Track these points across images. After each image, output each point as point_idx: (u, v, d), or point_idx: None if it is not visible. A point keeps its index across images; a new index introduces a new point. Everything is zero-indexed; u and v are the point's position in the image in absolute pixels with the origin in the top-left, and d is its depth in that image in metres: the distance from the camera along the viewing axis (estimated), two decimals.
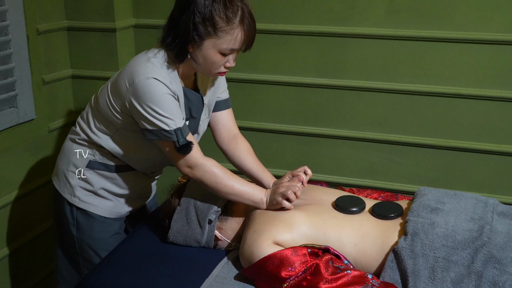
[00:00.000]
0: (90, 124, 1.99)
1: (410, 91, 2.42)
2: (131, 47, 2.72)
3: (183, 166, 1.90)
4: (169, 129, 1.82)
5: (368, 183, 2.55)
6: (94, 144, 1.99)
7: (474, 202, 1.89)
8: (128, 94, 1.84)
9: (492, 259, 1.68)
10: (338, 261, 1.75)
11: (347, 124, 2.54)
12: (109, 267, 1.91)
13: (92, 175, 2.02)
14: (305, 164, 2.51)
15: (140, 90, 1.81)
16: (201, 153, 1.90)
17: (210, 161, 1.90)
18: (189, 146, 1.85)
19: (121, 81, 1.87)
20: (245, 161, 2.12)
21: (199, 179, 1.90)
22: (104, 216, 2.06)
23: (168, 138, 1.83)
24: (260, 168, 2.12)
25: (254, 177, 2.11)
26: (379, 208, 1.90)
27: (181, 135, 1.83)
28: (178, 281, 1.82)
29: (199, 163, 1.88)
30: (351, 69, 2.47)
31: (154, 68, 1.82)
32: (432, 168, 2.48)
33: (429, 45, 2.35)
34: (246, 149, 2.14)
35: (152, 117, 1.81)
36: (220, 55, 1.82)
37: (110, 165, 2.01)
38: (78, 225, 2.05)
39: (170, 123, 1.82)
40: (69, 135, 2.08)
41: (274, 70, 2.56)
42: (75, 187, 2.02)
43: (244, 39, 1.81)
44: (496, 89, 2.32)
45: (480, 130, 2.38)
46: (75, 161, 2.02)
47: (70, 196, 2.03)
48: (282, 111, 2.61)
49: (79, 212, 2.04)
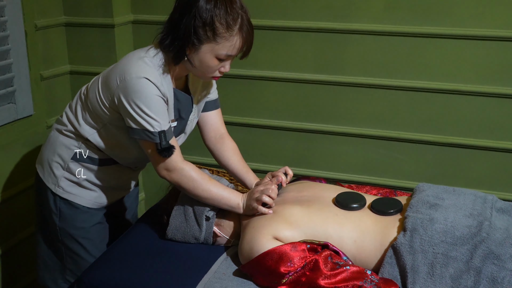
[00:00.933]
0: (78, 116, 1.98)
1: (409, 88, 2.42)
2: (129, 43, 2.72)
3: (162, 169, 1.89)
4: (153, 130, 1.82)
5: (366, 180, 2.55)
6: (80, 136, 1.99)
7: (473, 198, 1.89)
8: (117, 90, 1.83)
9: (491, 255, 1.68)
10: (337, 257, 1.75)
11: (346, 121, 2.54)
12: (107, 263, 1.91)
13: (76, 166, 2.01)
14: (304, 160, 2.52)
15: (130, 88, 1.80)
16: (181, 157, 1.90)
17: (188, 166, 1.90)
18: (171, 149, 1.85)
19: (113, 77, 1.86)
20: (230, 161, 2.15)
21: (177, 183, 1.90)
22: (87, 206, 2.06)
23: (151, 139, 1.83)
24: (244, 169, 2.15)
25: (238, 177, 2.15)
26: (378, 204, 1.90)
27: (164, 138, 1.83)
28: (176, 278, 1.82)
29: (178, 167, 1.88)
30: (349, 65, 2.47)
31: (146, 68, 1.82)
32: (430, 165, 2.48)
33: (427, 41, 2.35)
34: (231, 149, 2.16)
35: (138, 116, 1.81)
36: (217, 60, 1.83)
37: (94, 158, 2.01)
38: (60, 214, 2.04)
39: (155, 124, 1.82)
40: (56, 125, 2.07)
41: (272, 66, 2.56)
42: (60, 178, 2.02)
43: (241, 46, 1.82)
44: (495, 86, 2.32)
45: (479, 126, 2.38)
46: (61, 152, 2.01)
47: (54, 186, 2.03)
48: (280, 107, 2.61)
49: (62, 202, 2.04)
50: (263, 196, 1.90)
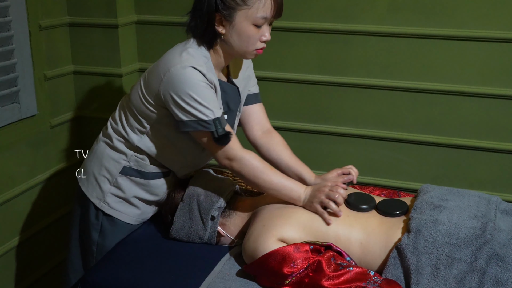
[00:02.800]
0: (124, 124, 1.95)
1: (412, 89, 2.42)
2: (133, 43, 2.72)
3: (222, 158, 1.85)
4: (207, 118, 1.77)
5: (370, 181, 2.55)
6: (130, 145, 1.94)
7: (477, 200, 1.89)
8: (163, 84, 1.80)
9: (495, 257, 1.68)
10: (340, 258, 1.75)
11: (349, 122, 2.53)
12: (111, 263, 1.91)
13: (125, 181, 1.98)
14: (307, 161, 2.51)
15: (176, 79, 1.77)
16: (240, 145, 1.86)
17: (249, 154, 1.86)
18: (228, 136, 1.81)
19: (156, 72, 1.84)
20: (282, 155, 2.08)
21: (238, 172, 1.86)
22: (130, 223, 2.04)
23: (206, 128, 1.78)
24: (297, 162, 2.08)
25: (292, 172, 2.06)
26: (384, 206, 1.90)
27: (220, 125, 1.78)
28: (180, 277, 1.82)
29: (239, 156, 1.84)
30: (353, 66, 2.47)
31: (190, 58, 1.79)
32: (434, 166, 2.47)
33: (431, 42, 2.35)
34: (281, 143, 2.11)
35: (189, 107, 1.77)
36: (254, 27, 1.80)
37: (144, 172, 1.98)
38: (102, 230, 2.01)
39: (208, 112, 1.77)
40: (102, 138, 2.02)
41: (275, 67, 2.56)
42: (106, 193, 1.98)
43: (274, 5, 1.80)
44: (499, 87, 2.32)
45: (483, 128, 2.38)
46: (108, 165, 1.97)
47: (99, 201, 1.99)
48: (283, 108, 2.61)
49: (105, 218, 2.00)
50: (329, 202, 1.83)
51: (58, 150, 2.67)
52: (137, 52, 2.74)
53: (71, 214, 2.12)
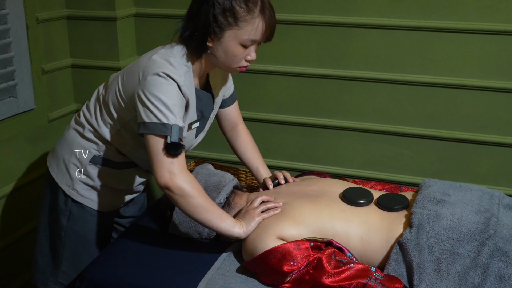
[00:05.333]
0: (97, 116, 1.94)
1: (414, 82, 2.40)
2: (132, 36, 2.69)
3: (164, 170, 1.72)
4: (167, 122, 1.74)
5: (371, 175, 2.53)
6: (100, 138, 1.94)
7: (480, 194, 1.87)
8: (138, 86, 1.78)
9: (498, 252, 1.66)
10: (340, 255, 1.73)
11: (350, 115, 2.51)
12: (110, 259, 1.89)
13: (94, 170, 1.97)
14: (308, 155, 2.50)
15: (151, 83, 1.75)
16: (186, 165, 1.79)
17: (191, 176, 1.78)
18: (180, 147, 1.74)
19: (135, 73, 1.82)
20: (246, 154, 2.21)
21: (179, 188, 1.73)
22: (100, 210, 2.03)
23: (162, 132, 1.73)
24: (257, 160, 2.20)
25: (251, 171, 2.21)
26: (384, 200, 1.88)
27: (176, 132, 1.74)
28: (179, 274, 1.80)
29: (183, 173, 1.74)
30: (354, 59, 2.44)
31: (170, 67, 1.77)
32: (436, 160, 2.45)
33: (433, 35, 2.32)
34: (245, 141, 2.21)
35: (154, 108, 1.74)
36: (241, 47, 1.78)
37: (114, 161, 1.97)
38: (70, 216, 2.01)
39: (171, 117, 1.74)
40: (74, 125, 2.01)
41: (276, 60, 2.53)
42: (75, 180, 1.98)
43: (265, 29, 1.77)
44: (501, 80, 2.29)
45: (485, 121, 2.36)
46: (79, 154, 1.97)
47: (68, 188, 1.99)
48: (284, 101, 2.58)
49: (74, 204, 2.00)
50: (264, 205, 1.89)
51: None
52: (135, 45, 2.72)
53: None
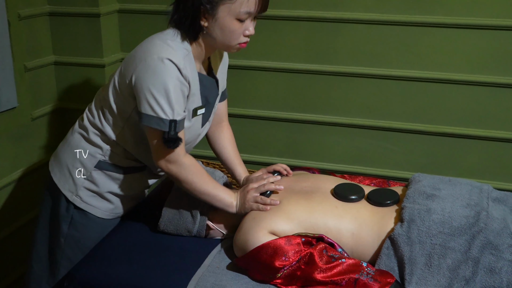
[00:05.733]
0: (100, 117, 1.90)
1: (401, 77, 2.40)
2: (116, 32, 2.66)
3: (161, 160, 1.80)
4: (165, 117, 1.73)
5: (358, 170, 2.53)
6: (106, 138, 1.89)
7: (469, 188, 1.87)
8: (136, 71, 1.74)
9: (489, 245, 1.67)
10: (332, 250, 1.72)
11: (338, 111, 2.51)
12: (99, 258, 1.86)
13: (99, 175, 1.92)
14: (295, 151, 2.49)
15: (150, 70, 1.72)
16: (184, 151, 1.83)
17: (190, 160, 1.84)
18: (177, 142, 1.76)
19: (132, 60, 1.78)
20: (224, 150, 2.13)
21: (175, 174, 1.82)
22: (102, 217, 1.98)
23: (160, 126, 1.74)
24: (235, 160, 2.13)
25: (228, 168, 2.14)
26: (375, 195, 1.88)
27: (174, 128, 1.74)
28: (170, 272, 1.78)
29: (179, 160, 1.80)
30: (341, 55, 2.43)
31: (169, 49, 1.74)
32: (423, 154, 2.46)
33: (420, 30, 2.32)
34: (227, 138, 2.14)
35: (152, 100, 1.72)
36: (238, 22, 1.75)
37: (119, 166, 1.93)
38: (72, 222, 1.95)
39: (168, 112, 1.73)
40: (78, 129, 1.96)
41: (263, 56, 2.52)
42: (79, 187, 1.93)
43: (259, 0, 1.74)
44: (487, 75, 2.30)
45: (471, 116, 2.37)
46: (83, 159, 1.92)
47: (71, 194, 1.94)
48: (271, 97, 2.57)
49: (76, 211, 1.95)
50: (265, 185, 1.87)
51: (40, 143, 2.61)
52: (119, 41, 2.68)
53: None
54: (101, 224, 1.99)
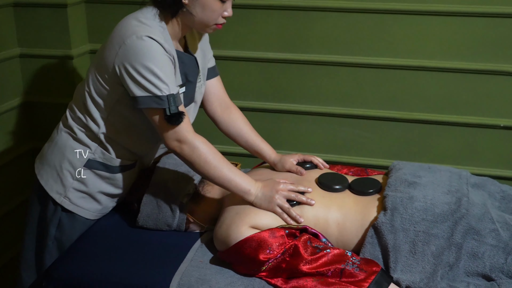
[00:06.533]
0: (83, 111, 1.84)
1: (374, 65, 2.40)
2: (83, 23, 2.58)
3: (172, 140, 1.73)
4: (161, 94, 1.68)
5: (334, 158, 2.53)
6: (93, 135, 1.84)
7: (449, 175, 1.89)
8: (118, 57, 1.70)
9: (471, 231, 1.69)
10: (316, 241, 1.72)
11: (312, 99, 2.50)
12: (78, 256, 1.82)
13: (89, 175, 1.87)
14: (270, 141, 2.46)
15: (132, 50, 1.67)
16: (192, 128, 1.76)
17: (201, 138, 1.76)
18: (180, 116, 1.70)
19: (109, 47, 1.73)
20: (242, 131, 2.05)
21: (188, 156, 1.74)
22: (90, 218, 1.94)
23: (158, 105, 1.69)
24: (258, 139, 2.06)
25: (252, 148, 2.05)
26: (357, 185, 1.88)
27: (173, 102, 1.69)
28: (152, 267, 1.75)
29: (190, 138, 1.73)
30: (314, 43, 2.43)
31: (146, 28, 1.70)
32: (397, 141, 2.48)
33: (392, 17, 2.33)
34: (241, 119, 2.07)
35: (144, 80, 1.67)
36: (219, 2, 1.74)
37: (110, 165, 1.88)
38: (60, 225, 1.90)
39: (163, 87, 1.68)
40: (63, 128, 1.89)
41: (235, 45, 2.49)
42: (68, 188, 1.87)
43: None
44: (459, 61, 2.33)
45: (444, 102, 2.39)
46: (72, 158, 1.86)
47: (59, 196, 1.87)
48: (244, 87, 2.54)
49: (64, 214, 1.89)
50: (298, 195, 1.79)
51: (7, 138, 2.53)
52: (87, 32, 2.61)
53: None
54: (88, 225, 1.94)
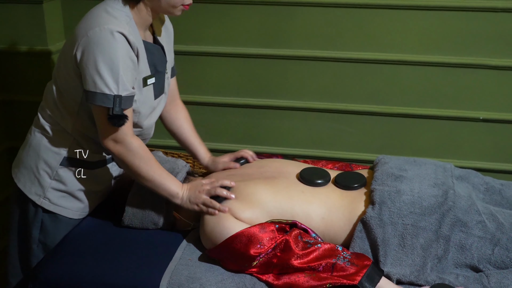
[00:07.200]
0: (53, 109, 1.81)
1: (355, 59, 2.41)
2: (59, 19, 2.53)
3: (108, 139, 1.73)
4: (109, 93, 1.66)
5: (317, 153, 2.54)
6: (66, 132, 1.81)
7: (434, 168, 1.91)
8: (79, 47, 1.66)
9: (459, 223, 1.71)
10: (306, 235, 1.72)
11: (293, 95, 2.50)
12: (64, 257, 1.78)
13: (66, 173, 1.84)
14: (252, 137, 2.47)
15: (93, 42, 1.64)
16: (132, 131, 1.76)
17: (137, 141, 1.77)
18: (123, 119, 1.69)
19: (72, 39, 1.70)
20: (181, 129, 2.09)
21: (121, 156, 1.75)
22: (73, 218, 1.90)
23: (103, 103, 1.67)
24: (196, 140, 2.10)
25: (188, 148, 2.11)
26: (342, 179, 1.89)
27: (119, 104, 1.67)
28: (141, 266, 1.73)
29: (127, 140, 1.73)
30: (295, 38, 2.42)
31: (111, 19, 1.67)
32: (379, 135, 2.49)
33: (372, 12, 2.34)
34: (184, 117, 2.10)
35: (96, 75, 1.65)
36: None
37: (86, 161, 1.85)
38: (43, 227, 1.86)
39: (112, 87, 1.66)
40: (35, 129, 1.86)
41: (216, 41, 2.47)
42: (46, 188, 1.83)
43: None
44: (439, 55, 2.35)
45: (425, 96, 2.42)
46: (47, 157, 1.82)
47: (38, 197, 1.84)
48: (225, 83, 2.53)
49: (46, 215, 1.85)
50: (217, 189, 1.79)
51: None
52: (63, 28, 2.56)
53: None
54: (72, 225, 1.91)
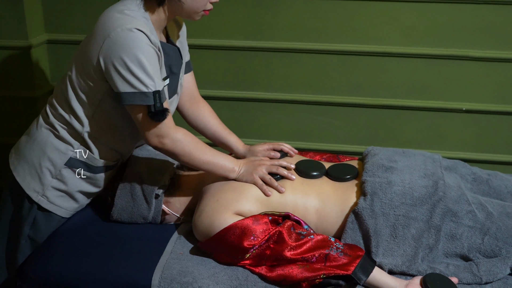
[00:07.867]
0: (65, 108, 1.76)
1: (340, 51, 2.42)
2: (39, 12, 2.48)
3: (153, 136, 1.71)
4: (147, 91, 1.63)
5: (303, 146, 2.54)
6: (76, 133, 1.77)
7: (423, 159, 1.92)
8: (102, 51, 1.63)
9: (449, 213, 1.73)
10: (299, 227, 1.72)
11: (279, 87, 2.50)
12: (52, 252, 1.76)
13: (69, 174, 1.80)
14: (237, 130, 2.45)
15: (118, 43, 1.61)
16: (173, 122, 1.74)
17: (182, 130, 1.75)
18: (165, 113, 1.68)
19: (93, 42, 1.66)
20: (209, 123, 2.04)
21: (170, 149, 1.74)
22: (66, 217, 1.88)
23: (143, 102, 1.64)
24: (225, 131, 2.05)
25: (219, 140, 2.05)
26: (334, 171, 1.89)
27: (159, 99, 1.65)
28: (132, 261, 1.71)
29: (172, 133, 1.72)
30: (280, 30, 2.42)
31: (130, 19, 1.64)
32: (365, 127, 2.51)
33: (358, 4, 2.35)
34: (209, 111, 2.06)
35: (130, 75, 1.62)
36: None
37: (91, 165, 1.81)
38: (35, 224, 1.83)
39: (149, 84, 1.63)
40: (43, 124, 1.81)
41: (201, 33, 2.45)
42: (47, 186, 1.79)
43: None
44: (423, 47, 2.37)
45: (409, 87, 2.43)
46: (53, 156, 1.78)
47: (36, 194, 1.80)
48: (211, 76, 2.51)
49: (40, 212, 1.82)
50: (279, 169, 1.82)
51: None
52: (43, 21, 2.52)
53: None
54: (62, 223, 1.88)
